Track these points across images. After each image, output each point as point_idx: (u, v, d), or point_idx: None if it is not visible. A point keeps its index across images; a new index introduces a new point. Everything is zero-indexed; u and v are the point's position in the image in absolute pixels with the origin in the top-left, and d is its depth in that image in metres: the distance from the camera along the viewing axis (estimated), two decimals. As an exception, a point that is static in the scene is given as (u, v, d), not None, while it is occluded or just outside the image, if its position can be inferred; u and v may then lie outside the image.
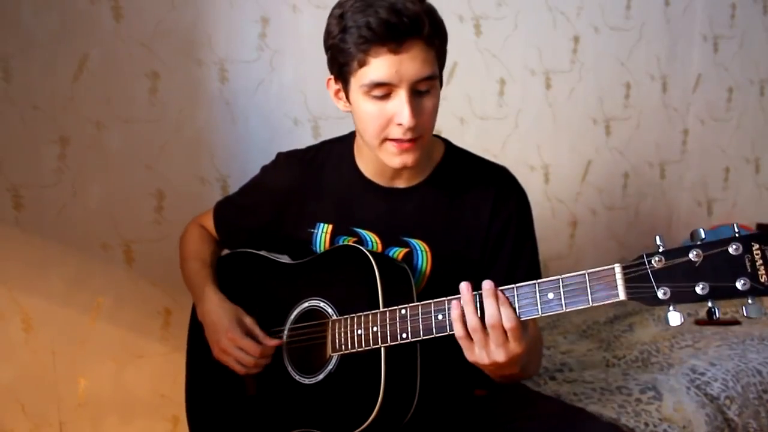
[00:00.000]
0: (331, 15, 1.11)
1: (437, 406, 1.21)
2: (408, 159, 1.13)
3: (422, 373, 1.12)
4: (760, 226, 2.86)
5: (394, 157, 1.14)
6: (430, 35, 1.06)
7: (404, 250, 1.24)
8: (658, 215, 2.72)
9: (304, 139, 1.97)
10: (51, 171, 1.70)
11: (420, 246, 1.24)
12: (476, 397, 1.32)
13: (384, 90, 1.08)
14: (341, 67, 1.11)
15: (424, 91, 1.10)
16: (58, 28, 1.67)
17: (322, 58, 1.92)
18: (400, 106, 1.08)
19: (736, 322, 2.00)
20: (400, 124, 1.09)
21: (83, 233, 1.75)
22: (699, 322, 2.01)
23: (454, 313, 1.00)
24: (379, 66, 1.06)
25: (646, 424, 1.43)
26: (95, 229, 1.77)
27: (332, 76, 1.17)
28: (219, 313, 1.26)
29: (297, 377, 1.21)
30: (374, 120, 1.11)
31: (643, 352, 1.78)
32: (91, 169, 1.75)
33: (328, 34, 1.12)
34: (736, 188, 2.90)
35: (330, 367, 1.16)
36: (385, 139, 1.12)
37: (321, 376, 1.17)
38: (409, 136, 1.10)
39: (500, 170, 1.29)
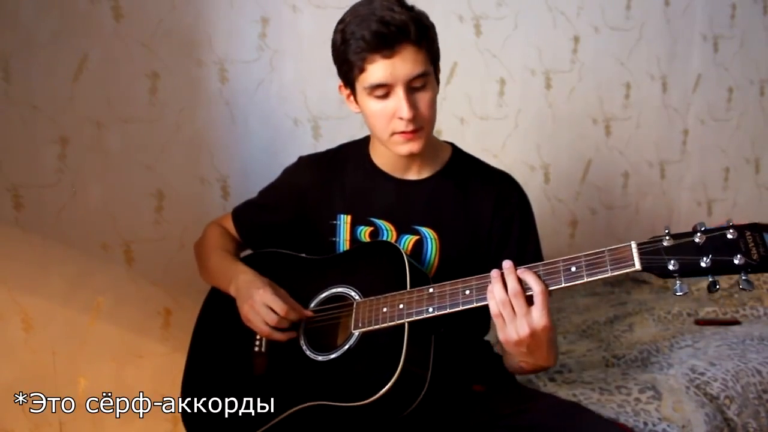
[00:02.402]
0: (335, 30, 1.25)
1: (436, 401, 1.23)
2: (413, 146, 1.25)
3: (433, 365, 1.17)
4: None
5: (402, 146, 1.25)
6: (418, 38, 1.19)
7: (415, 238, 1.33)
8: (658, 215, 2.73)
9: (304, 139, 1.98)
10: (51, 171, 1.70)
11: (429, 234, 1.32)
12: (474, 392, 1.35)
13: (383, 90, 1.21)
14: (346, 75, 1.25)
15: (419, 87, 1.22)
16: (58, 28, 1.67)
17: (322, 58, 1.92)
18: (398, 103, 1.21)
19: (736, 322, 2.00)
20: (401, 118, 1.21)
21: (83, 233, 1.75)
22: (699, 322, 2.01)
23: (489, 293, 1.09)
24: (376, 71, 1.19)
25: (645, 424, 1.43)
26: (95, 229, 1.77)
27: (342, 83, 1.30)
28: (254, 279, 1.32)
29: (311, 355, 1.25)
30: (380, 117, 1.24)
31: (643, 352, 1.78)
32: (91, 169, 1.75)
33: (333, 47, 1.26)
34: (736, 188, 2.90)
35: (349, 344, 1.21)
36: (393, 133, 1.24)
37: (337, 353, 1.21)
38: (411, 127, 1.22)
39: (503, 174, 1.39)
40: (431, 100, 1.24)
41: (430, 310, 1.14)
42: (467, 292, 1.12)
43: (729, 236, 0.97)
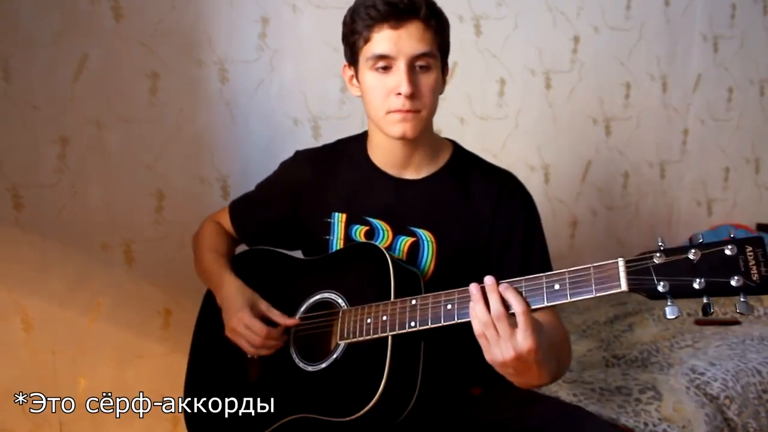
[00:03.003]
0: (347, 11, 1.25)
1: (433, 404, 1.22)
2: (408, 128, 1.21)
3: (423, 371, 1.14)
4: (759, 226, 2.86)
5: (395, 126, 1.22)
6: (427, 17, 1.19)
7: (411, 240, 1.29)
8: (658, 215, 2.73)
9: (304, 139, 1.98)
10: (51, 171, 1.70)
11: (426, 236, 1.28)
12: (472, 395, 1.33)
13: (385, 62, 1.19)
14: (352, 48, 1.24)
15: (423, 67, 1.20)
16: (58, 28, 1.67)
17: (322, 58, 1.91)
18: (398, 78, 1.19)
19: (736, 322, 2.00)
20: (399, 94, 1.19)
21: (83, 233, 1.75)
22: (699, 322, 2.01)
23: (471, 311, 1.01)
24: (381, 40, 1.19)
25: (646, 424, 1.43)
26: (95, 229, 1.77)
27: (346, 64, 1.29)
28: (235, 295, 1.31)
29: (301, 364, 1.24)
30: (378, 92, 1.21)
31: (643, 352, 1.78)
32: (91, 169, 1.75)
33: (343, 24, 1.26)
34: (736, 188, 2.90)
35: (335, 355, 1.18)
36: (388, 111, 1.21)
37: (325, 364, 1.19)
38: (408, 106, 1.19)
39: (506, 173, 1.34)
40: (433, 85, 1.21)
41: (413, 324, 1.09)
42: (449, 306, 1.06)
43: (727, 252, 0.88)
